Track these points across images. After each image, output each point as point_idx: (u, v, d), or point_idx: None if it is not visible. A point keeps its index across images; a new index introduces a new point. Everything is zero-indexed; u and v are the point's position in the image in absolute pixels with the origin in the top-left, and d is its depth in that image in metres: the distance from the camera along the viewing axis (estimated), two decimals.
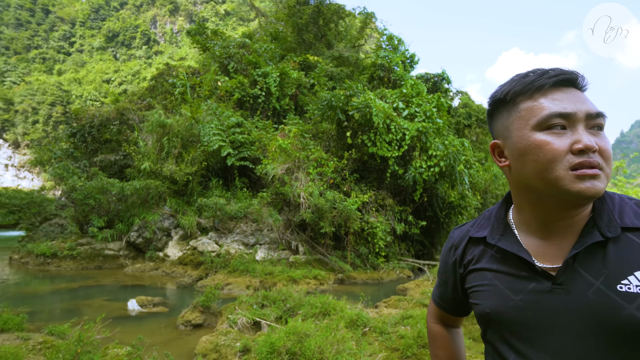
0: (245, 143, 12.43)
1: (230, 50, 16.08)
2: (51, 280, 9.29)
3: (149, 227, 10.84)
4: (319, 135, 12.92)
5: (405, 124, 11.11)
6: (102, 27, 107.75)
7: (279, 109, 15.08)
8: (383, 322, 5.43)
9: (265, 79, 14.92)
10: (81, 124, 14.84)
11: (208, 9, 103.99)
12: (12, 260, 11.33)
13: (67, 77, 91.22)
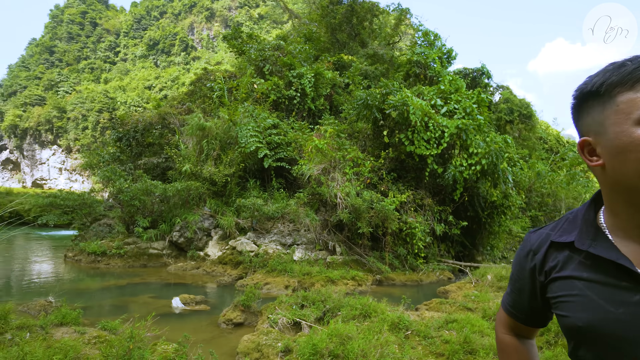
0: (281, 144, 12.55)
1: (265, 52, 16.32)
2: (101, 277, 9.78)
3: (190, 227, 11.18)
4: (355, 134, 12.82)
5: (444, 121, 10.78)
6: (143, 37, 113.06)
7: (314, 110, 15.10)
8: (426, 325, 5.27)
9: (300, 80, 15.00)
10: (126, 129, 15.58)
11: (242, 13, 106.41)
12: (66, 257, 12.04)
13: (113, 84, 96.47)
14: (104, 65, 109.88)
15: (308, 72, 15.11)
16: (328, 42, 20.86)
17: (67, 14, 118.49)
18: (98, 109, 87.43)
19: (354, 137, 12.78)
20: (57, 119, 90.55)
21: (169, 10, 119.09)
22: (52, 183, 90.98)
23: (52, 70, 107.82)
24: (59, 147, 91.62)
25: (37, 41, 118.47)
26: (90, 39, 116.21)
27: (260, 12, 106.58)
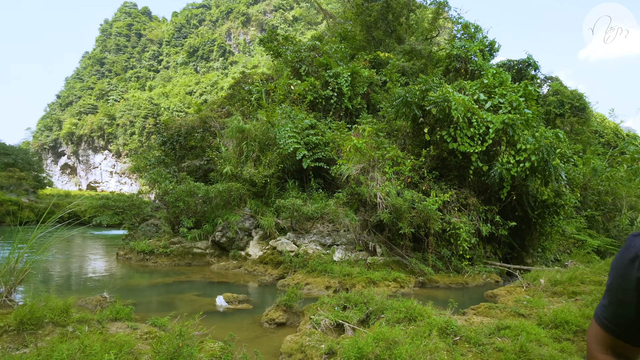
0: (319, 144, 12.54)
1: (301, 54, 16.40)
2: (150, 275, 10.20)
3: (231, 227, 11.42)
4: (394, 133, 12.56)
5: (488, 116, 10.28)
6: (184, 44, 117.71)
7: (351, 109, 14.98)
8: (475, 331, 5.01)
9: (336, 80, 14.93)
10: (170, 133, 16.22)
11: (277, 16, 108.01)
12: (118, 256, 12.68)
13: (157, 92, 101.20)
14: (149, 73, 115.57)
15: (344, 71, 15.01)
16: (364, 40, 20.64)
17: (115, 27, 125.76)
18: (144, 115, 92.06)
19: (393, 136, 12.52)
20: (107, 125, 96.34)
21: (207, 17, 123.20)
22: (105, 186, 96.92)
23: (103, 80, 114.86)
24: (110, 152, 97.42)
25: (89, 54, 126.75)
26: (135, 49, 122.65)
27: (294, 14, 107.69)
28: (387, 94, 14.84)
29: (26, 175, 32.74)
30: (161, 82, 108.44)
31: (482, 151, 10.39)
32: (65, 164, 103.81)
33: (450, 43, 16.40)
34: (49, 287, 8.64)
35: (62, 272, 10.47)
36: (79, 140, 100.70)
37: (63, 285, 8.95)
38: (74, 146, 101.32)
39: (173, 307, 7.12)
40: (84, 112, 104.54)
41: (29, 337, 3.97)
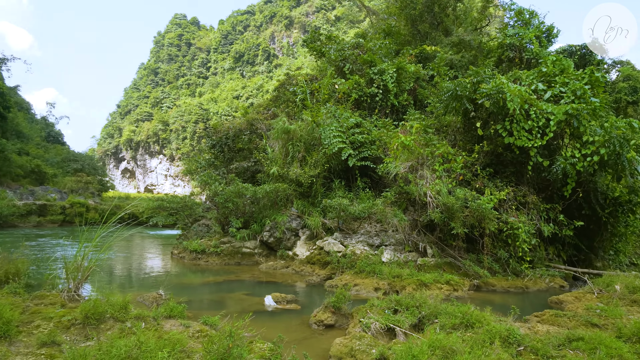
0: (365, 143, 12.31)
1: (344, 52, 16.24)
2: (201, 273, 10.53)
3: (279, 227, 11.52)
4: (443, 129, 12.04)
5: (548, 107, 9.51)
6: (230, 50, 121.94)
7: (398, 106, 14.58)
8: (542, 342, 4.57)
9: (381, 77, 14.61)
10: (218, 136, 16.74)
11: (319, 17, 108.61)
12: (173, 254, 13.26)
13: (206, 97, 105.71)
14: (198, 80, 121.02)
15: (389, 67, 14.65)
16: (408, 34, 20.07)
17: (167, 38, 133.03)
18: (194, 120, 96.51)
19: (443, 132, 12.00)
20: (161, 131, 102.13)
21: (251, 23, 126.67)
22: (160, 188, 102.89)
23: (157, 89, 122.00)
24: (164, 156, 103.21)
25: (144, 65, 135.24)
26: (186, 58, 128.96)
27: (336, 13, 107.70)
28: (435, 89, 14.27)
29: (92, 179, 35.46)
30: (210, 88, 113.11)
31: (542, 145, 9.63)
32: (125, 169, 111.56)
33: (502, 32, 15.43)
34: (111, 284, 9.21)
35: (124, 269, 11.11)
36: (137, 146, 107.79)
37: (124, 281, 9.48)
38: (132, 151, 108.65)
39: (223, 306, 7.26)
40: (141, 120, 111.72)
41: (92, 331, 4.19)
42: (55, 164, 37.39)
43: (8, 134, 35.69)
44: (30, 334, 4.01)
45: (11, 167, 28.95)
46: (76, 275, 6.09)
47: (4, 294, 5.33)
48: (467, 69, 14.65)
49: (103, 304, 4.46)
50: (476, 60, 16.59)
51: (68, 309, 4.87)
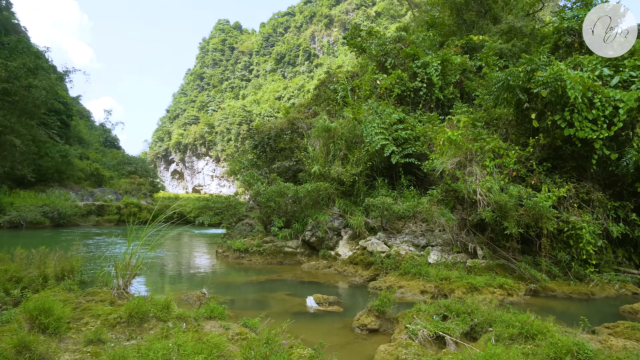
0: (409, 139, 11.86)
1: (386, 47, 15.81)
2: (245, 272, 10.64)
3: (320, 226, 11.38)
4: (493, 122, 11.30)
5: (617, 94, 8.58)
6: (271, 52, 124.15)
7: (443, 100, 13.94)
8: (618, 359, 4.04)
9: (425, 70, 14.03)
10: (261, 136, 16.92)
11: (359, 14, 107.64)
12: (217, 253, 13.56)
13: (249, 99, 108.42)
14: (241, 83, 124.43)
15: (433, 60, 14.03)
16: (453, 25, 19.17)
17: (212, 44, 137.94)
18: (238, 122, 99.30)
19: (493, 125, 11.27)
20: (207, 133, 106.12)
21: (292, 24, 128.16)
22: (207, 188, 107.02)
23: (203, 93, 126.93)
24: (210, 157, 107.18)
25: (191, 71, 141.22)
26: (229, 62, 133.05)
27: (377, 9, 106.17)
28: (483, 81, 13.47)
29: (144, 181, 37.47)
30: (252, 90, 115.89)
31: (609, 136, 8.71)
32: (175, 170, 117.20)
33: (558, 15, 14.26)
34: (158, 281, 9.54)
35: (171, 266, 11.49)
36: (185, 148, 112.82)
37: (170, 279, 9.77)
38: (181, 154, 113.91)
39: (265, 306, 7.22)
40: (188, 123, 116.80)
41: (136, 329, 4.25)
42: (111, 167, 39.93)
43: (71, 140, 38.62)
44: (79, 330, 4.13)
45: (74, 171, 31.23)
46: (125, 273, 6.30)
47: (60, 290, 5.60)
48: (518, 58, 13.68)
49: (146, 304, 4.52)
50: (529, 48, 15.47)
51: (116, 306, 5.01)
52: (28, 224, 20.01)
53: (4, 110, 24.71)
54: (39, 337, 3.90)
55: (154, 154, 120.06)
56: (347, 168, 11.71)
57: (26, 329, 3.98)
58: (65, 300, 5.18)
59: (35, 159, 27.28)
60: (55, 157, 28.81)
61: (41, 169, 27.77)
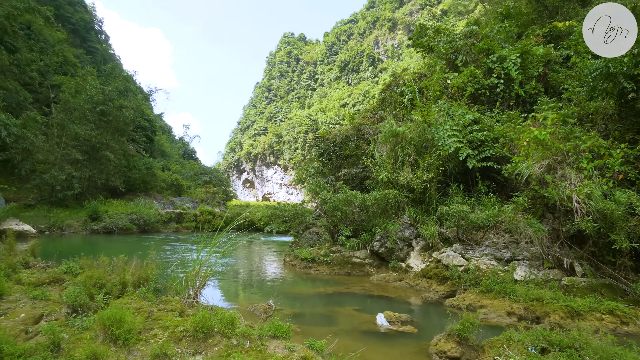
0: (486, 141, 10.80)
1: (456, 43, 14.78)
2: (312, 282, 10.40)
3: (390, 236, 10.78)
4: (589, 117, 9.83)
5: None
6: (335, 60, 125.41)
7: (524, 96, 12.56)
8: None
9: (501, 65, 12.80)
10: (326, 144, 16.77)
11: (424, 14, 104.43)
12: (285, 262, 13.57)
13: (314, 108, 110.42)
14: (307, 92, 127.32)
15: (511, 53, 12.74)
16: (532, 12, 17.39)
17: (278, 56, 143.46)
18: (305, 131, 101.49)
19: (588, 121, 9.80)
20: (276, 143, 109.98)
21: (355, 31, 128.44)
22: (276, 196, 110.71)
23: (271, 104, 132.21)
24: (279, 166, 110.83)
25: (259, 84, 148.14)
26: (295, 72, 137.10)
27: (442, 7, 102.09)
28: (572, 71, 11.88)
29: (218, 190, 39.63)
30: (318, 99, 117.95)
31: None
32: (246, 179, 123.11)
33: None
34: (227, 290, 9.67)
35: (240, 275, 11.67)
36: (255, 158, 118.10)
37: (239, 288, 9.86)
38: (251, 163, 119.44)
39: (333, 322, 6.86)
40: (258, 134, 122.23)
41: (200, 344, 4.15)
42: (189, 177, 42.92)
43: (155, 153, 42.29)
44: (147, 342, 4.12)
45: (157, 181, 34.06)
46: (195, 281, 6.37)
47: (136, 297, 5.79)
48: None
49: (212, 318, 4.41)
50: None
51: (184, 317, 5.00)
52: (119, 229, 22.06)
53: (101, 129, 27.76)
54: (110, 349, 3.95)
55: (227, 164, 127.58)
56: (418, 174, 10.98)
57: (100, 339, 4.07)
58: (139, 308, 5.32)
59: (125, 171, 30.19)
60: (142, 169, 31.65)
61: (130, 180, 30.66)
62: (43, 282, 6.77)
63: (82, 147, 26.15)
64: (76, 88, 27.98)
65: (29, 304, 5.36)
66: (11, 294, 5.54)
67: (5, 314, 5.10)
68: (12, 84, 28.17)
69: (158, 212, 25.92)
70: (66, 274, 7.21)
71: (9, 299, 5.27)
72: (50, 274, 7.12)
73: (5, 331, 4.43)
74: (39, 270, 7.76)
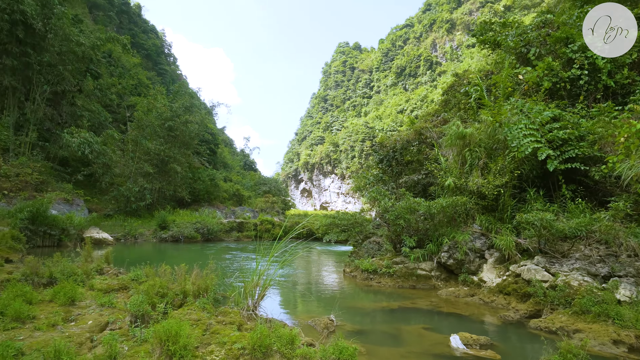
0: (569, 140, 9.53)
1: (527, 35, 13.47)
2: (374, 296, 9.80)
3: (459, 247, 9.87)
4: None
5: None
6: (391, 67, 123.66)
7: (614, 87, 11.00)
8: None
9: (584, 54, 11.36)
10: (385, 150, 16.12)
11: (485, 12, 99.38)
12: (345, 272, 13.09)
13: (371, 116, 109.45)
14: (363, 100, 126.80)
15: None
16: None
17: (333, 66, 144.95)
18: (361, 139, 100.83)
19: None
20: (332, 152, 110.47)
21: (410, 35, 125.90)
22: (333, 205, 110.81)
23: (327, 114, 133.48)
24: (336, 175, 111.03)
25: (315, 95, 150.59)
26: (350, 81, 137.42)
27: (505, 3, 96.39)
28: None
29: (277, 199, 40.35)
30: (374, 107, 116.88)
31: None
32: (304, 189, 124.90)
33: None
34: (287, 301, 9.40)
35: (299, 285, 11.38)
36: (312, 168, 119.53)
37: (298, 299, 9.55)
38: (309, 173, 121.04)
39: (400, 342, 6.24)
40: (314, 144, 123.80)
41: None
42: (249, 188, 44.31)
43: (217, 165, 44.28)
44: None
45: (219, 192, 35.52)
46: (253, 292, 6.14)
47: (195, 308, 5.68)
48: None
49: (270, 335, 4.09)
50: None
51: (242, 332, 4.75)
52: (185, 238, 23.11)
53: (169, 144, 29.60)
54: None
55: (285, 174, 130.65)
56: (489, 179, 9.98)
57: (156, 354, 3.91)
58: (198, 320, 5.17)
59: (191, 183, 31.83)
60: (206, 180, 33.20)
61: (195, 190, 32.26)
62: (112, 289, 6.99)
63: (153, 161, 28.02)
64: (148, 106, 30.25)
65: (97, 311, 5.46)
66: (83, 299, 5.72)
67: (76, 320, 5.23)
68: (95, 106, 31.19)
69: (220, 221, 26.83)
70: (133, 281, 7.40)
71: (81, 305, 5.43)
72: (119, 280, 7.36)
73: (73, 339, 4.48)
74: (110, 277, 8.09)
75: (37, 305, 5.11)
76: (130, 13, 66.56)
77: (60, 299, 5.16)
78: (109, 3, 58.76)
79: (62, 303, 5.17)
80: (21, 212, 16.01)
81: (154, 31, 75.55)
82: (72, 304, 5.33)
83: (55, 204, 20.86)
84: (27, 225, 16.16)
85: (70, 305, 5.25)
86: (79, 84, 28.95)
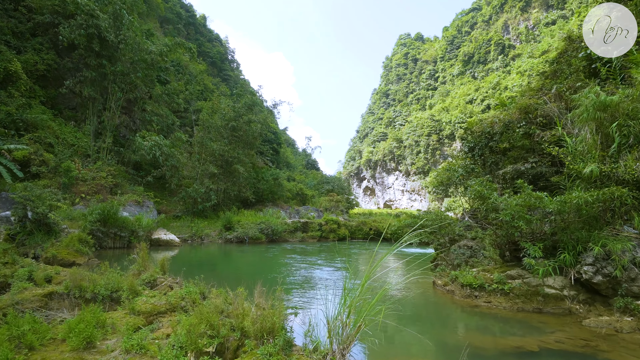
0: None
1: None
2: (491, 325, 7.36)
3: (613, 259, 7.08)
4: None
5: None
6: (458, 55, 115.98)
7: None
8: None
9: None
10: (476, 137, 13.40)
11: None
12: (435, 285, 10.77)
13: (437, 108, 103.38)
14: (427, 93, 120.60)
15: None
16: None
17: (394, 60, 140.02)
18: (427, 134, 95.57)
19: None
20: (396, 148, 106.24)
21: (479, 19, 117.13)
22: (397, 203, 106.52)
23: (389, 109, 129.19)
24: (400, 172, 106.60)
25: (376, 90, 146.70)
26: (413, 74, 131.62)
27: None
28: None
29: (341, 198, 38.48)
30: (440, 98, 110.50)
31: None
32: (366, 187, 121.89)
33: None
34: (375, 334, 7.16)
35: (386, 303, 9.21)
36: (375, 165, 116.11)
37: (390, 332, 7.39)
38: (371, 170, 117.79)
39: None
40: (377, 140, 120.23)
41: None
42: (312, 187, 43.02)
43: (280, 165, 43.63)
44: None
45: (283, 192, 34.55)
46: (341, 334, 4.23)
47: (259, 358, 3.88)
48: None
49: None
50: None
51: None
52: (250, 239, 22.14)
53: (233, 144, 29.14)
54: None
55: (347, 173, 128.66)
56: None
57: None
58: None
59: (255, 183, 31.16)
60: (269, 180, 32.36)
61: (259, 190, 31.54)
62: (158, 311, 5.50)
63: (217, 162, 27.68)
64: (212, 108, 30.14)
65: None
66: (106, 338, 4.17)
67: None
68: (164, 110, 31.85)
69: (285, 221, 25.61)
70: (184, 300, 5.90)
71: (100, 349, 3.85)
72: (167, 299, 5.88)
73: None
74: (160, 292, 6.70)
75: (40, 351, 3.63)
76: (196, 24, 69.25)
77: (73, 339, 3.64)
78: (177, 16, 61.48)
79: (74, 346, 3.64)
80: (91, 214, 15.88)
81: (218, 39, 78.02)
82: (89, 347, 3.78)
83: (127, 206, 20.99)
84: (99, 227, 16.05)
85: (85, 349, 3.71)
86: (149, 91, 29.66)
